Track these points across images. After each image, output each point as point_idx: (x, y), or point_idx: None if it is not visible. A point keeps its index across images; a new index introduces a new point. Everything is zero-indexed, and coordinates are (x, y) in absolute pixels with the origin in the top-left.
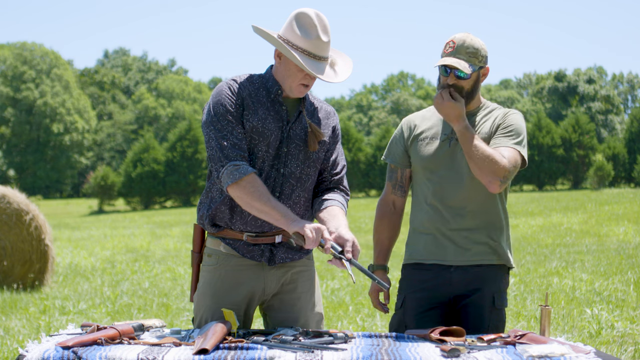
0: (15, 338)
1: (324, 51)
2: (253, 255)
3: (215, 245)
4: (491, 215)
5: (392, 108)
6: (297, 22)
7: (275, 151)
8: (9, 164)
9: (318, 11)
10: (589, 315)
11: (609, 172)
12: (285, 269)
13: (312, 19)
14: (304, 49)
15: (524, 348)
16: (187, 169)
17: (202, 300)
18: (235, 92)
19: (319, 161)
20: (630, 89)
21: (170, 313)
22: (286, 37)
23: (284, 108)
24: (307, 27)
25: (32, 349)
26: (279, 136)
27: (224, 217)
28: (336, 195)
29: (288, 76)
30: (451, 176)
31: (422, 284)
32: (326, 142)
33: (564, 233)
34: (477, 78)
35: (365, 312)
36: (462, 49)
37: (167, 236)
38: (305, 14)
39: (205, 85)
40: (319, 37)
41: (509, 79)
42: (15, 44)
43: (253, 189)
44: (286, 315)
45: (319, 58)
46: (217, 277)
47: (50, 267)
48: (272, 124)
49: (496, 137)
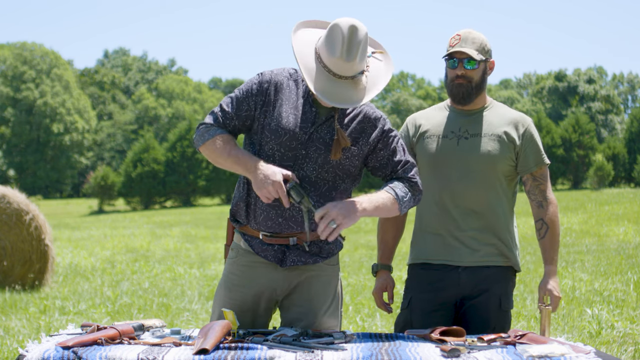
0: (15, 338)
1: (345, 71)
2: (266, 255)
3: (238, 240)
4: (500, 217)
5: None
6: (328, 34)
7: (290, 152)
8: (9, 164)
9: (357, 24)
10: (589, 315)
11: (609, 172)
12: (299, 272)
13: (343, 34)
14: (326, 64)
15: (524, 348)
16: (187, 169)
17: (218, 292)
18: (266, 80)
19: (343, 168)
20: (631, 89)
21: (170, 313)
22: (319, 47)
23: (314, 110)
24: (334, 43)
25: (32, 349)
26: (299, 137)
27: (241, 213)
28: (394, 182)
29: None
30: (460, 176)
31: (430, 284)
32: (352, 149)
33: (564, 233)
34: (485, 70)
35: (365, 312)
36: (469, 40)
37: (167, 236)
38: (338, 26)
39: (205, 85)
40: (342, 57)
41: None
42: (15, 44)
43: (214, 147)
44: (297, 316)
45: (339, 77)
46: (234, 270)
47: (50, 267)
48: (291, 124)
49: (527, 155)
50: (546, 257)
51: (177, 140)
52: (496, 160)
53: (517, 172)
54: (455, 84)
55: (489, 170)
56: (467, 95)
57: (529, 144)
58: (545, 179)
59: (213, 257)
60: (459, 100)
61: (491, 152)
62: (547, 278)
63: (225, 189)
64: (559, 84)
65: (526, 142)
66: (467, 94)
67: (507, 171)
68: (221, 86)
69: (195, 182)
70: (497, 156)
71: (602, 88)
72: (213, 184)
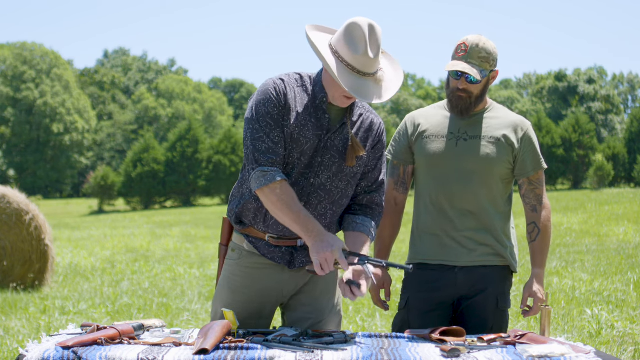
0: (15, 338)
1: (369, 68)
2: (273, 257)
3: (240, 241)
4: (496, 218)
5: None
6: (347, 33)
7: (308, 160)
8: (9, 164)
9: (373, 22)
10: (589, 315)
11: (609, 172)
12: (305, 272)
13: (363, 32)
14: (349, 62)
15: (524, 348)
16: (187, 169)
17: (219, 293)
18: (280, 92)
19: (354, 177)
20: (631, 89)
21: (170, 313)
22: (335, 46)
23: (327, 116)
24: (356, 41)
25: (32, 349)
26: (315, 145)
27: (248, 215)
28: (367, 220)
29: (332, 86)
30: (458, 177)
31: (427, 284)
32: (364, 158)
33: (564, 233)
34: (487, 81)
35: (365, 312)
36: (475, 53)
37: (167, 236)
38: (357, 25)
39: (205, 85)
40: (366, 53)
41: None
42: (15, 44)
43: (275, 198)
44: (303, 315)
45: (363, 74)
46: (237, 272)
47: (50, 267)
48: (309, 132)
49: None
50: (535, 260)
51: (177, 140)
52: (494, 163)
53: (514, 175)
54: (456, 96)
55: (486, 172)
56: (466, 109)
57: (527, 148)
58: (541, 184)
59: (213, 257)
60: (458, 112)
61: (490, 154)
62: (533, 280)
63: (226, 188)
64: (559, 84)
65: (525, 146)
66: (466, 108)
67: (505, 174)
68: (221, 86)
69: (195, 182)
70: (495, 159)
71: (602, 88)
72: (213, 184)
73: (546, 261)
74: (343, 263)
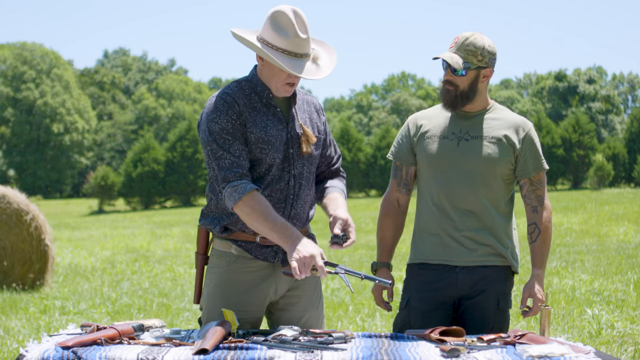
0: (15, 338)
1: (303, 48)
2: (266, 257)
3: (226, 247)
4: (497, 218)
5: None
6: (274, 22)
7: (282, 154)
8: (9, 164)
9: (295, 7)
10: (589, 315)
11: (609, 172)
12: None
13: (289, 17)
14: (284, 48)
15: (523, 348)
16: (187, 169)
17: (212, 303)
18: (230, 106)
19: (319, 156)
20: (631, 89)
21: (170, 313)
22: (265, 37)
23: (279, 110)
24: (285, 26)
25: (32, 349)
26: (284, 139)
27: (237, 224)
28: (335, 181)
29: (272, 77)
30: (459, 177)
31: (428, 284)
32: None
33: (564, 233)
34: (475, 78)
35: (365, 312)
36: (462, 46)
37: (167, 236)
38: (281, 12)
39: (205, 85)
40: (298, 35)
41: (509, 79)
42: (15, 44)
43: (249, 209)
44: (291, 314)
45: (299, 56)
46: (229, 279)
47: (50, 267)
48: (274, 129)
49: (526, 160)
50: (535, 261)
51: (177, 140)
52: (495, 163)
53: (515, 175)
54: (444, 89)
55: (488, 172)
56: (452, 101)
57: (529, 148)
58: (542, 184)
59: None
60: (444, 104)
61: (491, 155)
62: (533, 281)
63: None
64: (559, 84)
65: (526, 147)
66: (452, 101)
67: (506, 174)
68: (221, 86)
69: (195, 182)
70: (496, 159)
71: (602, 88)
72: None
73: (546, 262)
74: (321, 270)
